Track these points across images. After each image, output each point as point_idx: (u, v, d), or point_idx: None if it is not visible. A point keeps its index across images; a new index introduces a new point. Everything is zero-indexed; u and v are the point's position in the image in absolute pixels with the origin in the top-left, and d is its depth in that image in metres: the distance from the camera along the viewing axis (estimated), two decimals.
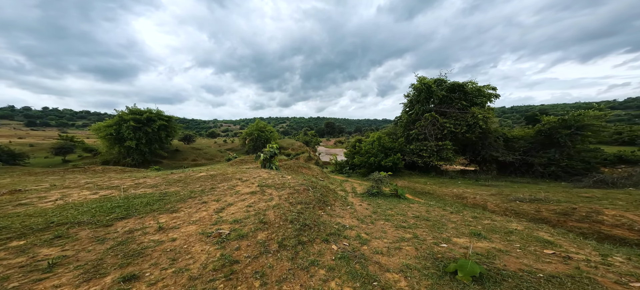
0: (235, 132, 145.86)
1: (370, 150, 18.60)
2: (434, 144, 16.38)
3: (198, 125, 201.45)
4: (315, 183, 7.97)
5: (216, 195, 5.75)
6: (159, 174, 8.34)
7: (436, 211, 6.78)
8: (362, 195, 9.51)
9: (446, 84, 17.79)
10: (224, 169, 10.44)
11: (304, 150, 54.48)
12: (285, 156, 32.44)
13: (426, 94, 17.08)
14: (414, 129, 17.99)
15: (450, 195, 11.50)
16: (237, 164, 26.21)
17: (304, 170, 14.68)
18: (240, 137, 54.33)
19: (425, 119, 17.14)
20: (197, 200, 5.28)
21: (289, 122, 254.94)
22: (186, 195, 5.61)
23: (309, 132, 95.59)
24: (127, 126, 34.47)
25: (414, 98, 18.65)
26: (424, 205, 7.74)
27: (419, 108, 17.98)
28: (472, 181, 14.73)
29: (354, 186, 13.94)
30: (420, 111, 17.91)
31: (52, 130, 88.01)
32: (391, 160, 16.91)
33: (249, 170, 9.40)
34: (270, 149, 10.51)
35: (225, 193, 6.01)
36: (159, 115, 38.05)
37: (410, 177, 17.42)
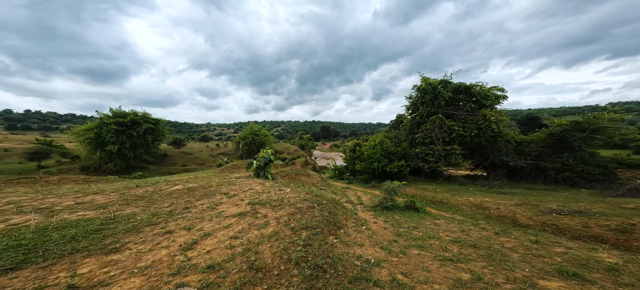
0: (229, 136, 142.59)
1: (373, 155, 17.33)
2: (441, 148, 15.28)
3: (190, 129, 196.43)
4: (320, 197, 6.50)
5: (189, 220, 4.19)
6: (118, 188, 6.62)
7: (475, 231, 5.45)
8: (374, 209, 8.10)
9: (452, 85, 16.86)
10: (208, 178, 8.81)
11: (300, 155, 52.90)
12: (280, 161, 30.80)
13: (432, 96, 16.04)
14: (419, 132, 16.88)
15: (467, 204, 10.26)
16: (229, 169, 24.34)
17: (303, 178, 13.19)
18: (234, 141, 52.22)
19: (432, 122, 16.05)
20: (158, 229, 3.71)
21: (284, 125, 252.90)
22: (145, 220, 4.02)
23: (305, 136, 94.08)
24: (109, 129, 32.07)
25: (418, 100, 17.60)
26: (453, 221, 6.40)
27: (424, 110, 16.91)
28: (484, 188, 13.60)
29: (358, 195, 12.53)
30: (425, 113, 16.83)
31: (34, 133, 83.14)
32: (396, 167, 15.67)
33: (239, 181, 7.85)
34: (265, 155, 9.00)
35: (203, 216, 4.46)
36: (145, 117, 35.76)
37: (417, 183, 16.17)
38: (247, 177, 9.51)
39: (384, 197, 8.30)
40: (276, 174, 11.51)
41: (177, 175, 18.64)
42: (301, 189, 7.83)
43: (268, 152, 9.27)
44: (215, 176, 9.85)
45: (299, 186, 10.73)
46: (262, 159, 9.00)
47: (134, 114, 35.49)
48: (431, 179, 16.97)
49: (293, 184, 11.26)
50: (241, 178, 8.75)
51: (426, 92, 16.50)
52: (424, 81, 17.06)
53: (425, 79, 17.16)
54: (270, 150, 9.35)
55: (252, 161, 8.84)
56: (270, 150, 9.38)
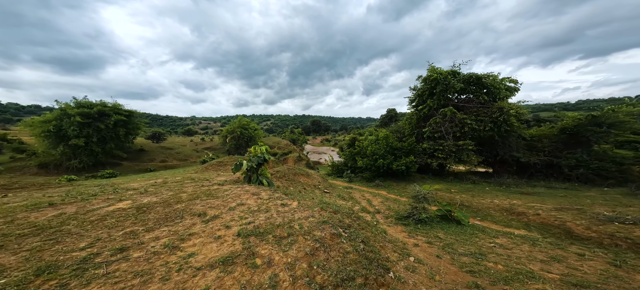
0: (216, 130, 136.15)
1: (377, 151, 15.71)
2: (451, 144, 13.97)
3: (173, 123, 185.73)
4: (338, 210, 4.63)
5: (116, 284, 2.13)
6: (12, 209, 3.90)
7: (571, 258, 3.86)
8: (402, 222, 6.39)
9: (461, 75, 15.50)
10: (179, 185, 6.58)
11: (292, 149, 50.61)
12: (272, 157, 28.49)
13: (443, 86, 14.55)
14: (427, 126, 15.44)
15: (493, 208, 8.90)
16: (214, 167, 21.73)
17: (302, 178, 11.26)
18: (221, 135, 48.74)
19: (442, 115, 14.63)
20: None
21: (274, 119, 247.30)
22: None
23: (296, 130, 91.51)
24: (71, 122, 27.88)
25: (426, 91, 16.09)
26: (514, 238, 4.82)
27: (433, 102, 15.45)
28: (500, 187, 12.48)
29: (368, 198, 10.84)
30: (435, 106, 15.37)
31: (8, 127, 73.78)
32: (404, 164, 14.18)
33: (224, 190, 5.75)
34: (259, 153, 6.95)
35: (150, 270, 2.41)
36: (115, 109, 31.65)
37: (424, 181, 14.82)
38: (235, 181, 7.40)
39: (413, 206, 6.59)
40: (271, 175, 9.47)
41: (138, 177, 15.87)
42: (309, 198, 5.91)
43: (262, 149, 7.21)
44: (190, 181, 7.62)
45: (301, 190, 8.79)
46: (254, 158, 6.92)
47: (103, 104, 31.31)
48: (439, 176, 15.74)
49: (293, 187, 9.29)
50: (227, 184, 6.63)
51: (436, 82, 14.98)
52: (433, 71, 15.54)
53: (435, 68, 15.64)
54: (264, 147, 7.28)
55: (242, 161, 6.75)
56: (265, 147, 7.32)
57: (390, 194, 12.62)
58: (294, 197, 5.40)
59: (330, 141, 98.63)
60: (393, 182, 15.18)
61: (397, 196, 12.14)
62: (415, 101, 17.37)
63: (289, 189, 8.94)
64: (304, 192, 8.84)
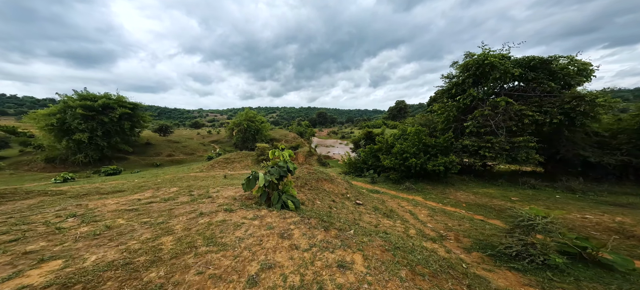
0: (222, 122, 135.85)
1: (408, 149, 13.36)
2: (503, 140, 11.47)
3: (181, 115, 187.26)
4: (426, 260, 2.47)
5: None
6: None
7: None
8: (509, 264, 4.19)
9: (517, 59, 12.68)
10: (168, 213, 4.51)
11: (300, 143, 48.70)
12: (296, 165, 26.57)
13: (499, 72, 11.77)
14: (469, 120, 12.89)
15: (592, 227, 6.58)
16: (221, 165, 20.03)
17: (327, 184, 9.18)
18: (227, 128, 47.27)
19: (493, 106, 12.01)
20: None
21: (279, 112, 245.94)
22: None
23: (303, 122, 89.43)
24: (74, 115, 26.75)
25: (467, 79, 13.40)
26: None
27: (478, 92, 12.79)
28: (575, 194, 10.00)
29: (409, 209, 8.67)
30: (481, 95, 12.71)
31: (9, 119, 75.81)
32: (442, 163, 11.85)
33: (235, 222, 3.69)
34: (280, 161, 4.86)
35: None
36: (119, 101, 30.30)
37: (468, 185, 12.47)
38: (247, 198, 5.36)
39: (517, 238, 4.35)
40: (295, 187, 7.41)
41: (135, 177, 14.13)
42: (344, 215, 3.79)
43: (284, 155, 5.10)
44: (187, 194, 5.63)
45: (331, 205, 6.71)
46: (275, 169, 4.84)
47: (107, 97, 29.98)
48: (482, 178, 13.30)
49: (320, 201, 7.21)
50: (238, 210, 4.55)
51: (489, 67, 12.21)
52: (483, 55, 12.75)
53: (486, 53, 12.82)
54: (287, 152, 5.17)
55: (257, 174, 4.68)
56: (288, 152, 5.21)
57: (430, 201, 10.42)
58: (348, 241, 3.28)
59: (338, 134, 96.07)
60: (427, 185, 12.93)
61: (439, 204, 9.93)
62: (453, 91, 14.71)
63: (317, 203, 6.88)
64: (337, 209, 6.77)
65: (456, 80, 14.79)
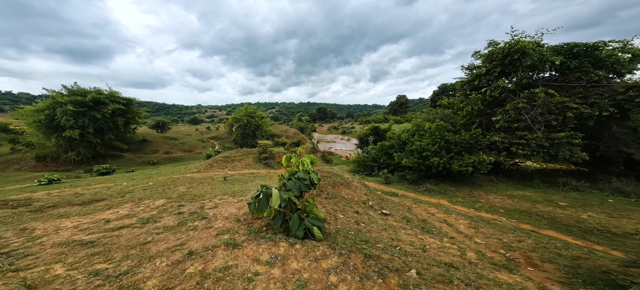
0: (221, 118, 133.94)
1: (428, 147, 11.96)
2: (541, 136, 10.07)
3: (180, 111, 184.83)
4: None
5: None
6: None
7: None
8: None
9: (551, 47, 11.17)
10: (142, 248, 3.10)
11: (301, 139, 47.24)
12: (282, 149, 25.11)
13: (535, 60, 10.23)
14: (499, 114, 11.44)
15: None
16: (220, 164, 18.57)
17: (344, 190, 7.81)
18: (226, 124, 45.71)
19: (528, 98, 10.53)
20: None
21: (279, 107, 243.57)
22: None
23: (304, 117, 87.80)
24: (64, 111, 25.16)
25: (494, 69, 11.88)
26: None
27: (508, 83, 11.30)
28: (630, 198, 8.66)
29: (443, 218, 7.33)
30: (513, 86, 11.20)
31: (5, 116, 74.12)
32: (471, 163, 10.46)
33: (241, 274, 2.29)
34: (300, 171, 3.45)
35: None
36: (112, 97, 28.63)
37: (497, 186, 11.13)
38: (251, 225, 3.94)
39: None
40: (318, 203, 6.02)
41: (124, 179, 12.55)
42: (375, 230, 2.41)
43: (306, 161, 3.68)
44: (175, 208, 4.21)
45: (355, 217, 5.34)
46: (294, 182, 3.44)
47: (97, 92, 28.31)
48: (510, 178, 11.95)
49: (342, 215, 5.82)
50: (247, 245, 3.14)
51: (520, 54, 10.68)
52: (513, 41, 11.20)
53: (520, 40, 11.25)
54: (308, 159, 3.75)
55: (269, 191, 3.27)
56: (309, 158, 3.79)
57: (458, 206, 9.08)
58: None
59: (338, 129, 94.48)
60: (449, 186, 11.60)
61: (471, 210, 8.60)
62: (476, 82, 13.21)
63: (339, 218, 5.51)
64: (365, 224, 5.39)
65: (479, 70, 13.28)
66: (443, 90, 67.33)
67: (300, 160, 3.70)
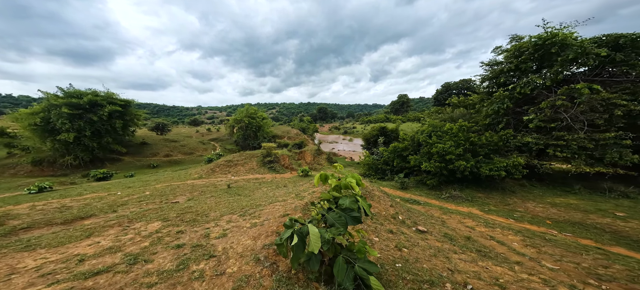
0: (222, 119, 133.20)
1: (452, 150, 10.87)
2: (584, 137, 8.99)
3: (180, 113, 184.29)
4: None
5: None
6: None
7: None
8: None
9: (591, 38, 10.08)
10: (120, 272, 2.04)
11: (303, 139, 46.21)
12: (287, 151, 24.05)
13: (576, 53, 9.15)
14: (531, 113, 10.33)
15: None
16: (222, 169, 17.50)
17: (372, 203, 6.75)
18: (227, 125, 44.69)
19: (569, 96, 9.43)
20: None
21: (279, 108, 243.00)
22: None
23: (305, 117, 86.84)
24: (59, 113, 24.19)
25: (519, 64, 10.80)
26: None
27: (545, 76, 10.21)
28: None
29: (498, 238, 6.21)
30: (549, 82, 10.08)
31: (2, 119, 73.40)
32: (503, 167, 9.37)
33: None
34: (340, 194, 2.39)
35: None
36: (109, 98, 27.64)
37: (532, 192, 10.02)
38: (276, 268, 2.87)
39: None
40: None
41: (118, 187, 11.34)
42: None
43: (350, 183, 2.61)
44: (167, 241, 3.11)
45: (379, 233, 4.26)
46: (337, 216, 2.38)
47: (94, 93, 27.34)
48: (543, 183, 10.84)
49: (374, 234, 4.74)
50: None
51: (557, 47, 9.59)
52: (552, 35, 10.09)
53: (554, 31, 10.16)
54: (353, 178, 2.67)
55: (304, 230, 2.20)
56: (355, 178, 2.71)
57: (493, 216, 7.99)
58: None
59: (340, 129, 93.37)
60: (477, 192, 10.51)
61: (510, 220, 7.51)
62: (501, 79, 12.12)
63: (374, 240, 4.43)
64: (407, 250, 4.31)
65: (502, 66, 12.19)
66: (446, 89, 66.08)
67: (345, 181, 2.64)
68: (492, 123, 12.45)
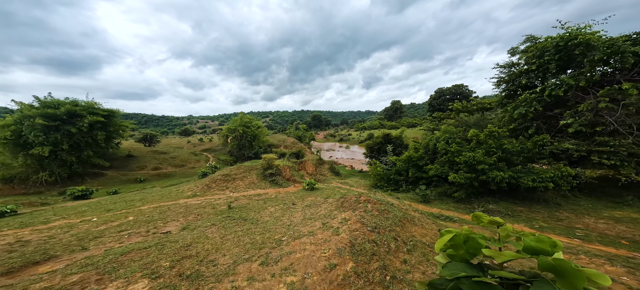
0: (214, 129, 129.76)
1: (484, 160, 9.71)
2: (632, 142, 8.11)
3: (170, 123, 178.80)
4: None
5: None
6: None
7: None
8: None
9: (620, 37, 9.47)
10: None
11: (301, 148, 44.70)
12: (288, 162, 22.43)
13: (591, 53, 8.44)
14: (569, 116, 9.42)
15: None
16: (219, 184, 15.61)
17: (416, 230, 5.37)
18: (221, 135, 42.59)
19: (612, 99, 8.59)
20: None
21: (273, 116, 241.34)
22: None
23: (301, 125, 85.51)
24: (32, 125, 21.75)
25: (543, 64, 10.07)
26: None
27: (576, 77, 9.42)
28: None
29: (594, 270, 5.00)
30: (584, 83, 9.25)
31: None
32: (549, 177, 8.25)
33: None
34: (454, 255, 1.17)
35: None
36: (90, 108, 25.35)
37: (580, 205, 8.92)
38: None
39: None
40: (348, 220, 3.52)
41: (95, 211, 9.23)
42: None
43: (479, 242, 1.24)
44: None
45: None
46: None
47: (73, 103, 25.05)
48: (582, 193, 9.83)
49: None
50: None
51: (583, 47, 8.87)
52: (573, 36, 9.40)
53: (576, 33, 9.48)
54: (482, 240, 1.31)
55: None
56: None
57: (550, 234, 6.79)
58: None
59: (335, 136, 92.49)
60: (514, 205, 9.36)
61: (575, 240, 6.30)
62: (522, 80, 11.34)
63: None
64: None
65: (523, 67, 11.44)
66: (440, 94, 66.97)
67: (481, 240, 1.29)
68: (518, 128, 11.56)
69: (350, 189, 17.24)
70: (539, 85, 10.48)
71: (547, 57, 10.44)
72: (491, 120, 13.45)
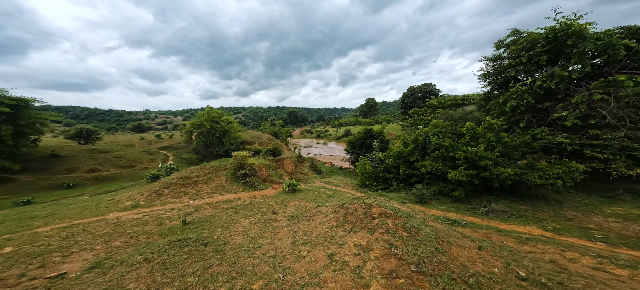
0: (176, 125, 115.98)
1: (486, 155, 8.90)
2: (623, 135, 8.07)
3: (120, 117, 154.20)
4: None
5: None
6: None
7: None
8: None
9: (615, 29, 9.55)
10: None
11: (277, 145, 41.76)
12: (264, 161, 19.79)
13: (583, 45, 8.24)
14: (562, 110, 9.19)
15: None
16: (173, 191, 12.24)
17: (460, 253, 3.86)
18: (184, 131, 36.95)
19: (606, 91, 8.46)
20: None
21: (246, 112, 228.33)
22: None
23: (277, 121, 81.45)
24: None
25: (533, 56, 9.80)
26: None
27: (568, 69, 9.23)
28: None
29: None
30: (576, 75, 9.06)
31: None
32: (555, 174, 7.71)
33: None
34: None
35: None
36: None
37: (579, 202, 8.68)
38: None
39: None
40: None
41: None
42: None
43: None
44: None
45: None
46: None
47: None
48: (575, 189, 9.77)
49: None
50: None
51: (574, 39, 8.65)
52: (565, 27, 9.15)
53: (570, 23, 9.22)
54: None
55: None
56: None
57: (566, 237, 6.07)
58: None
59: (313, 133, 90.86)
60: (517, 204, 8.79)
61: (598, 244, 5.65)
62: (512, 73, 11.05)
63: None
64: None
65: (512, 61, 11.17)
66: (412, 92, 70.42)
67: None
68: (509, 121, 11.28)
69: (336, 189, 15.57)
70: (523, 79, 10.23)
71: (538, 49, 10.19)
72: (471, 114, 13.20)
